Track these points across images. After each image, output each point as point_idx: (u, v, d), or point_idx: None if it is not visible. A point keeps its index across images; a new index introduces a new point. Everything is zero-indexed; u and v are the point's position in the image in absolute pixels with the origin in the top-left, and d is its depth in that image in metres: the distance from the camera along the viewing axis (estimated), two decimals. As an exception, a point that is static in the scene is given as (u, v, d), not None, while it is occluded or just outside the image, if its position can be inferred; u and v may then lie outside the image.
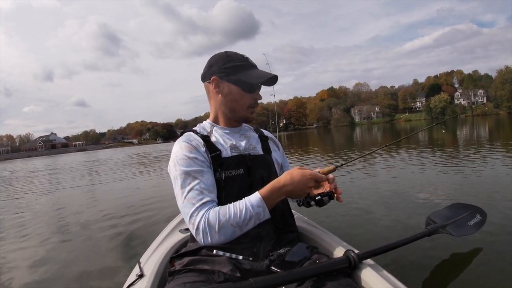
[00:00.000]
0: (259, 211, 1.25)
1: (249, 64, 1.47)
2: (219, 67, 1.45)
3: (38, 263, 3.33)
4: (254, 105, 1.50)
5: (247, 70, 1.45)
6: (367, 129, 49.78)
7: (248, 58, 1.49)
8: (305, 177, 1.27)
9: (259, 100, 1.51)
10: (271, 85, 1.55)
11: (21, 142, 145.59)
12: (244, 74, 1.43)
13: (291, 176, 1.27)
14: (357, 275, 1.23)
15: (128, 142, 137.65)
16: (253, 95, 1.48)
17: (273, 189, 1.27)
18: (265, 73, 1.47)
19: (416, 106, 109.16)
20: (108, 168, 16.90)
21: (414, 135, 17.22)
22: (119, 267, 3.05)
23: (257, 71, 1.47)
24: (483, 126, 25.78)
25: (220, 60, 1.46)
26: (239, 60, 1.45)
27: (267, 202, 1.26)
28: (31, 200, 8.05)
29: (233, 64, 1.44)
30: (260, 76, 1.45)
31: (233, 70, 1.43)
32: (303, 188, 1.27)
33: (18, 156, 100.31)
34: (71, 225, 4.81)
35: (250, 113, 1.51)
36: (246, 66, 1.45)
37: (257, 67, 1.51)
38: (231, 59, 1.45)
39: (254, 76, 1.44)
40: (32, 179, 14.69)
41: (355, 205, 4.34)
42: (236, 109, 1.48)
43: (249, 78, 1.43)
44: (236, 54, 1.48)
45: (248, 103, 1.47)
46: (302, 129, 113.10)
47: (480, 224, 2.11)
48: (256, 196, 1.26)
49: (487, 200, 3.98)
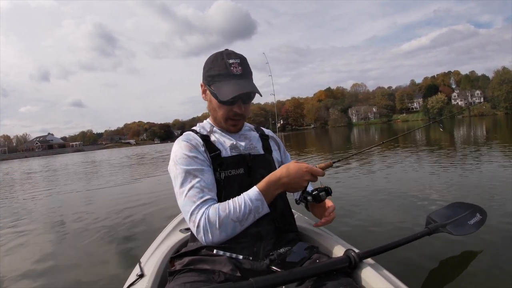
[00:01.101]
0: (258, 205, 1.25)
1: (228, 73, 1.37)
2: (204, 73, 1.44)
3: (38, 263, 3.32)
4: (233, 117, 1.44)
5: (223, 81, 1.37)
6: (365, 130, 49.89)
7: (233, 64, 1.38)
8: (301, 170, 1.28)
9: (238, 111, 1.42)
10: (249, 100, 1.44)
11: (18, 143, 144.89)
12: (218, 87, 1.38)
13: (287, 168, 1.29)
14: (357, 274, 1.23)
15: (125, 142, 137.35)
16: (232, 107, 1.41)
17: (269, 182, 1.28)
18: (238, 88, 1.35)
19: (413, 107, 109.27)
20: (106, 169, 16.85)
21: (411, 132, 17.32)
22: (119, 267, 3.06)
23: (233, 84, 1.36)
24: (480, 126, 25.86)
25: (206, 66, 1.43)
26: (219, 69, 1.38)
27: (265, 195, 1.26)
28: (29, 201, 8.00)
29: (211, 73, 1.39)
30: (231, 92, 1.34)
31: (212, 79, 1.40)
32: (298, 181, 1.28)
33: (15, 156, 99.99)
34: (70, 226, 4.80)
35: (230, 125, 1.46)
36: (223, 76, 1.37)
37: (243, 76, 1.39)
38: (214, 65, 1.39)
39: (225, 91, 1.35)
40: (28, 180, 14.62)
41: (355, 205, 4.34)
42: (217, 118, 1.48)
43: (220, 92, 1.37)
44: (223, 59, 1.39)
45: (226, 116, 1.43)
46: (299, 130, 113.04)
47: (480, 223, 2.10)
48: (253, 190, 1.27)
49: (487, 199, 3.99)
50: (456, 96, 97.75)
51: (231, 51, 1.42)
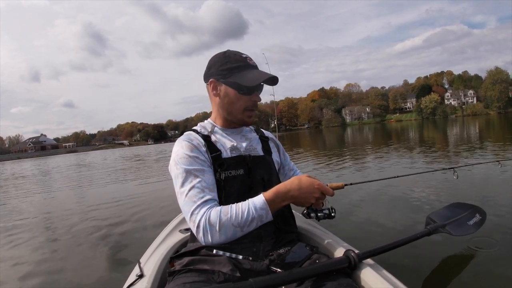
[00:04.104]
0: (262, 214, 1.24)
1: (247, 65, 1.43)
2: (216, 69, 1.43)
3: (37, 264, 3.33)
4: (251, 108, 1.47)
5: (244, 71, 1.41)
6: (358, 130, 49.95)
7: (248, 58, 1.45)
8: (313, 186, 1.28)
9: (258, 102, 1.47)
10: (272, 84, 1.51)
11: (10, 144, 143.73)
12: (240, 76, 1.40)
13: (299, 182, 1.28)
14: (357, 275, 1.23)
15: (119, 143, 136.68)
16: (251, 97, 1.44)
17: (278, 192, 1.27)
18: (263, 74, 1.42)
19: (406, 107, 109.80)
20: (104, 170, 16.75)
21: (409, 131, 17.20)
22: (119, 267, 3.06)
23: (255, 72, 1.42)
24: (473, 126, 26.00)
25: (217, 62, 1.44)
26: (236, 61, 1.42)
27: (271, 206, 1.25)
28: (27, 202, 7.97)
29: (229, 65, 1.41)
30: (257, 78, 1.40)
31: (230, 72, 1.41)
32: (307, 197, 1.28)
33: (8, 158, 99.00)
34: (70, 226, 4.77)
35: (247, 116, 1.47)
36: (243, 67, 1.41)
37: (257, 67, 1.47)
38: (229, 60, 1.42)
39: (249, 78, 1.39)
40: (23, 184, 14.51)
41: (355, 205, 4.34)
42: (232, 112, 1.46)
43: (244, 80, 1.39)
44: (236, 54, 1.44)
45: (244, 106, 1.44)
46: (293, 130, 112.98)
47: (480, 224, 2.12)
48: (260, 198, 1.26)
49: (486, 199, 4.01)
50: (449, 96, 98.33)
51: (234, 51, 1.47)
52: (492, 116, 65.00)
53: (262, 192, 1.28)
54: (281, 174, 1.65)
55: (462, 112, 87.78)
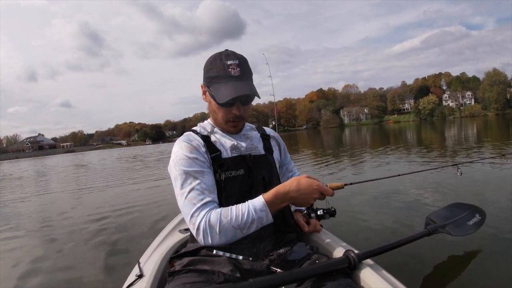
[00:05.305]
0: (262, 216, 1.24)
1: (226, 75, 1.33)
2: (203, 74, 1.42)
3: (37, 264, 3.33)
4: (233, 119, 1.42)
5: (220, 84, 1.34)
6: (356, 130, 50.04)
7: (231, 65, 1.34)
8: (312, 187, 1.27)
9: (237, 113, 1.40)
10: (248, 102, 1.42)
11: (8, 143, 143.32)
12: (215, 89, 1.35)
13: (298, 183, 1.27)
14: (356, 275, 1.23)
15: (116, 143, 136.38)
16: (231, 109, 1.39)
17: (277, 194, 1.26)
18: (237, 89, 1.32)
19: (404, 108, 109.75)
20: (103, 170, 16.72)
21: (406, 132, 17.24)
22: (118, 267, 3.05)
23: (229, 87, 1.32)
24: (471, 127, 26.08)
25: (206, 67, 1.41)
26: (217, 70, 1.35)
27: (271, 207, 1.25)
28: (28, 202, 7.96)
29: (210, 74, 1.37)
30: (228, 94, 1.31)
31: (210, 81, 1.37)
32: (306, 198, 1.27)
33: (6, 157, 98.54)
34: (69, 227, 4.77)
35: (230, 126, 1.45)
36: (221, 78, 1.34)
37: (241, 77, 1.35)
38: (212, 66, 1.37)
39: (221, 93, 1.33)
40: (23, 184, 14.47)
41: (355, 205, 4.35)
42: (217, 120, 1.46)
43: (218, 94, 1.34)
44: (221, 60, 1.36)
45: (225, 118, 1.42)
46: (292, 130, 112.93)
47: (479, 224, 2.12)
48: (259, 200, 1.25)
49: (486, 199, 4.02)
50: (447, 97, 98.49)
51: (230, 52, 1.39)
52: (490, 117, 65.18)
53: (262, 192, 1.28)
54: (280, 173, 1.63)
55: (460, 114, 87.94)
